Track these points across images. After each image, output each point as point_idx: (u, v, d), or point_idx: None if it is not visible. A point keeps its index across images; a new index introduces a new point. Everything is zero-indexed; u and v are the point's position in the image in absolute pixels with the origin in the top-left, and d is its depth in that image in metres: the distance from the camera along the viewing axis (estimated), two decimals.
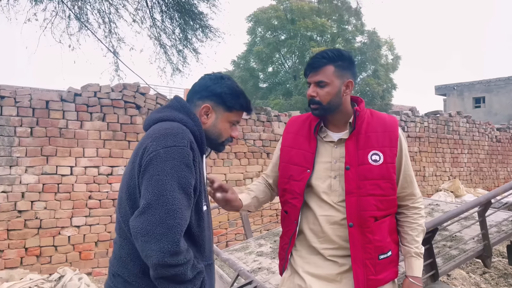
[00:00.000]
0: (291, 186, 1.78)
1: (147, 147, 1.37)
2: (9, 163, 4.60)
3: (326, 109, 1.73)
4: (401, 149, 1.74)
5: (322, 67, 1.71)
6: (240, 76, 18.29)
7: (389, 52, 20.59)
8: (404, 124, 8.47)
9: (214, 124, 1.57)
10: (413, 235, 1.77)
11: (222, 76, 1.61)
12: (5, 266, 4.54)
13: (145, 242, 1.28)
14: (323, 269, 1.73)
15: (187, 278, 1.35)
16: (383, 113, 1.85)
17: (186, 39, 10.70)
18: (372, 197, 1.68)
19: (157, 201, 1.29)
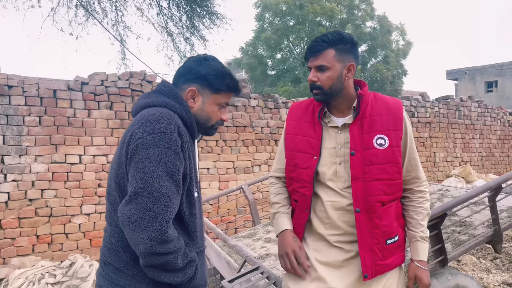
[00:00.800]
0: (299, 174, 1.76)
1: (133, 133, 1.35)
2: (19, 152, 4.65)
3: (328, 94, 1.70)
4: (406, 131, 1.71)
5: (323, 51, 1.67)
6: (248, 63, 18.17)
7: (400, 37, 20.27)
8: (414, 110, 8.36)
9: (202, 107, 1.53)
10: (418, 219, 1.75)
11: (206, 57, 1.56)
12: (17, 253, 4.61)
13: (133, 230, 1.27)
14: (329, 256, 1.72)
15: (178, 267, 1.34)
16: (386, 96, 1.81)
17: (193, 27, 10.65)
18: (379, 182, 1.66)
19: (144, 189, 1.27)
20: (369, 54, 19.42)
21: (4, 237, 4.56)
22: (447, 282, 2.57)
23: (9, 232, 4.59)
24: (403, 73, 19.80)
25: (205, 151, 5.88)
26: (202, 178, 5.85)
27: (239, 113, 6.17)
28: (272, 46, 18.06)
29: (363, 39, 18.80)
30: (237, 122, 6.07)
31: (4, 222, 4.56)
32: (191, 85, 1.51)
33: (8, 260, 4.52)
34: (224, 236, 3.13)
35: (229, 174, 6.06)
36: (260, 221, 4.33)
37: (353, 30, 18.64)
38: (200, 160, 5.82)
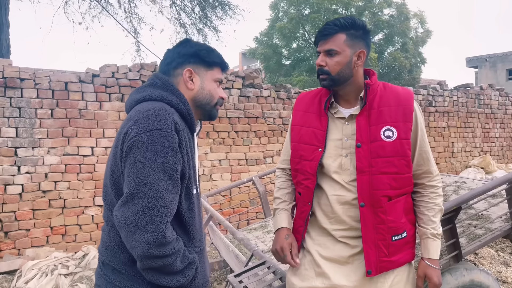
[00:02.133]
0: (303, 166, 1.70)
1: (128, 131, 1.28)
2: (32, 144, 4.69)
3: (335, 80, 1.63)
4: (417, 123, 1.63)
5: (333, 35, 1.60)
6: (263, 53, 18.01)
7: (419, 25, 19.79)
8: (432, 99, 8.15)
9: (202, 86, 1.48)
10: (429, 215, 1.67)
11: (186, 39, 1.52)
12: (32, 244, 4.68)
13: (129, 233, 1.22)
14: (334, 251, 1.67)
15: (177, 269, 1.29)
16: (397, 86, 1.73)
17: (206, 17, 10.60)
18: (385, 175, 1.59)
19: (140, 190, 1.22)
20: (387, 42, 19.03)
21: (19, 228, 4.63)
22: (462, 278, 2.50)
23: (24, 223, 4.65)
24: (422, 62, 19.36)
25: (216, 143, 5.85)
26: (214, 170, 5.83)
27: (251, 104, 6.10)
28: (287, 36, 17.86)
29: (380, 27, 18.42)
30: (249, 113, 6.01)
31: (18, 213, 4.62)
32: (185, 66, 1.45)
33: (23, 251, 4.59)
34: (233, 229, 3.09)
35: (241, 166, 6.02)
36: (271, 213, 4.29)
37: (370, 18, 18.28)
38: (211, 152, 5.80)
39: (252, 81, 6.10)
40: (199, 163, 5.69)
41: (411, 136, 1.61)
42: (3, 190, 4.55)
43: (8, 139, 4.57)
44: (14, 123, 4.59)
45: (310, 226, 1.75)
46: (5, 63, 4.57)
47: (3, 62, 4.56)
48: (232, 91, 5.95)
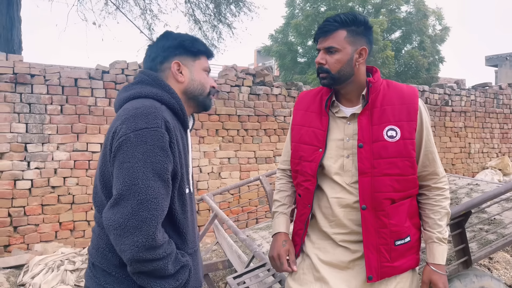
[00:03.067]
0: (303, 167, 1.64)
1: (116, 130, 1.23)
2: (41, 140, 4.72)
3: (335, 78, 1.56)
4: (422, 123, 1.56)
5: (333, 31, 1.54)
6: (278, 51, 17.85)
7: (437, 22, 19.38)
8: (448, 98, 7.96)
9: (191, 78, 1.43)
10: (435, 218, 1.59)
11: (167, 31, 1.47)
12: (41, 239, 4.72)
13: (118, 236, 1.17)
14: (334, 256, 1.61)
15: (169, 273, 1.25)
16: (401, 84, 1.66)
17: (220, 14, 10.57)
18: (388, 177, 1.52)
19: (129, 191, 1.17)
20: (404, 40, 18.68)
21: (28, 223, 4.67)
22: (471, 285, 2.41)
23: (33, 218, 4.69)
24: (440, 60, 18.95)
25: (226, 141, 5.81)
26: (223, 168, 5.79)
27: (261, 101, 6.04)
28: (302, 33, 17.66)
29: (397, 24, 18.10)
30: (259, 111, 5.95)
31: (28, 208, 4.66)
32: (171, 60, 1.40)
33: (32, 246, 4.63)
34: (236, 229, 3.04)
35: (250, 164, 5.97)
36: None
37: (387, 16, 17.98)
38: (220, 150, 5.76)
39: (262, 78, 6.03)
40: (208, 161, 5.66)
41: (415, 136, 1.54)
42: (12, 185, 4.59)
43: (18, 135, 4.61)
44: (24, 118, 4.63)
45: (310, 229, 1.69)
46: (16, 59, 4.60)
47: (13, 58, 4.59)
48: (242, 89, 5.90)
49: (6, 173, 4.56)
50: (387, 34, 18.52)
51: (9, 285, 3.77)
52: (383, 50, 15.88)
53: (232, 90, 5.83)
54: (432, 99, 7.76)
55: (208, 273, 3.83)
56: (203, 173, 5.67)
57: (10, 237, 4.58)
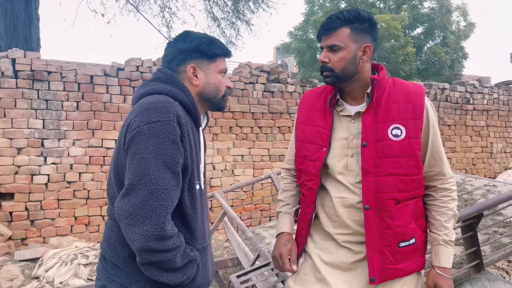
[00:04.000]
0: (307, 166, 1.62)
1: (130, 123, 1.27)
2: (58, 136, 4.81)
3: (339, 77, 1.53)
4: (428, 121, 1.51)
5: (336, 29, 1.51)
6: (297, 48, 17.75)
7: (462, 18, 18.90)
8: (469, 96, 7.75)
9: (206, 81, 1.45)
10: (441, 220, 1.55)
11: (186, 32, 1.47)
12: (56, 233, 4.82)
13: (128, 225, 1.20)
14: (337, 257, 1.58)
15: (177, 266, 1.26)
16: (408, 81, 1.61)
17: (238, 11, 10.56)
18: (392, 177, 1.48)
19: (140, 182, 1.20)
20: (426, 37, 18.30)
21: (44, 217, 4.78)
22: None
23: (49, 212, 4.79)
24: (464, 57, 18.50)
25: (239, 138, 5.80)
26: (236, 165, 5.79)
27: (275, 99, 6.00)
28: None
29: (420, 20, 17.74)
30: (273, 108, 5.92)
31: (44, 203, 4.77)
32: (187, 63, 1.43)
33: (48, 240, 4.73)
34: (243, 227, 3.03)
35: (264, 162, 5.95)
36: None
37: (409, 11, 17.63)
38: (234, 147, 5.75)
39: (277, 75, 5.99)
40: (221, 158, 5.67)
41: (421, 135, 1.50)
42: (30, 180, 4.70)
43: (36, 131, 4.71)
44: (41, 115, 4.73)
45: (313, 229, 1.67)
46: (33, 56, 4.70)
47: (31, 55, 4.69)
48: (256, 86, 5.88)
49: (23, 168, 4.67)
50: (408, 30, 18.17)
51: (24, 277, 3.86)
52: (404, 46, 15.59)
53: (246, 88, 5.81)
54: (452, 97, 7.57)
55: (218, 270, 3.83)
56: (216, 170, 5.68)
57: (27, 230, 4.69)
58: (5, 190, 4.61)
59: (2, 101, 4.56)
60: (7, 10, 5.81)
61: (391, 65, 15.89)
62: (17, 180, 4.65)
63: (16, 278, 3.77)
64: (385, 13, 17.16)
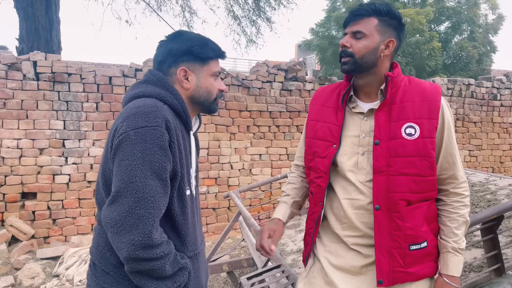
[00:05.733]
0: (316, 163, 1.59)
1: (117, 128, 1.24)
2: (78, 136, 4.90)
3: (358, 64, 1.48)
4: (443, 122, 1.46)
5: (364, 17, 1.48)
6: (319, 45, 17.58)
7: (490, 11, 18.30)
8: (496, 92, 7.48)
9: (198, 84, 1.41)
10: (451, 226, 1.49)
11: (179, 32, 1.43)
12: (78, 232, 4.92)
13: (115, 234, 1.18)
14: (346, 260, 1.53)
15: (166, 274, 1.24)
16: (424, 80, 1.56)
17: (259, 9, 10.53)
18: (405, 177, 1.43)
19: (126, 189, 1.17)
20: (453, 31, 17.81)
21: (66, 216, 4.88)
22: None
23: (70, 211, 4.90)
24: (492, 51, 17.91)
25: (257, 137, 5.78)
26: (254, 164, 5.77)
27: (293, 97, 5.95)
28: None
29: (446, 14, 17.27)
30: (291, 107, 5.86)
31: (65, 202, 4.87)
32: (179, 65, 1.38)
33: (69, 238, 4.84)
34: (257, 228, 3.01)
35: (282, 161, 5.90)
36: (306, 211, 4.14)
37: (434, 5, 17.20)
38: (252, 146, 5.73)
39: (295, 74, 5.93)
40: (239, 157, 5.66)
41: (436, 135, 1.44)
42: (51, 179, 4.81)
43: (57, 131, 4.81)
44: (62, 116, 4.83)
45: (322, 231, 1.63)
46: (54, 58, 4.80)
47: (52, 58, 4.79)
48: (273, 85, 5.83)
49: (45, 168, 4.78)
50: (434, 24, 17.73)
51: (45, 275, 3.95)
52: (429, 41, 15.21)
53: (264, 86, 5.77)
54: (478, 93, 7.33)
55: (234, 270, 3.83)
56: (234, 170, 5.68)
57: (49, 229, 4.81)
58: (28, 189, 4.73)
59: (24, 102, 4.68)
60: (28, 14, 5.97)
61: (416, 60, 15.53)
62: (40, 180, 4.77)
63: (37, 276, 3.86)
64: (409, 7, 16.78)
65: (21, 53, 6.17)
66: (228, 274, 3.86)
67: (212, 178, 5.57)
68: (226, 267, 3.70)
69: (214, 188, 5.58)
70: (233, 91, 5.62)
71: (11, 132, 4.65)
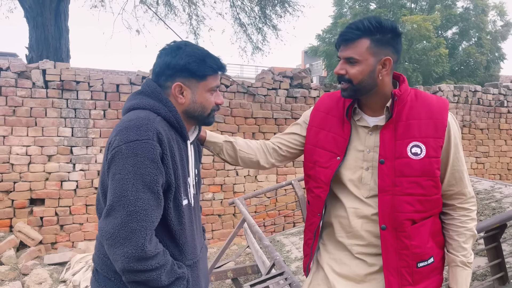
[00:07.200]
0: (317, 172, 1.56)
1: (111, 141, 1.27)
2: (85, 143, 4.96)
3: (356, 90, 1.46)
4: (449, 140, 1.44)
5: (355, 40, 1.41)
6: (325, 51, 17.62)
7: (498, 18, 18.24)
8: (503, 99, 7.44)
9: (193, 100, 1.41)
10: (459, 241, 1.48)
11: (179, 45, 1.41)
12: (85, 238, 4.97)
13: (110, 246, 1.22)
14: (350, 268, 1.53)
15: (162, 284, 1.26)
16: (431, 94, 1.52)
17: (265, 16, 10.59)
18: (410, 197, 1.42)
19: (119, 203, 1.20)
20: (461, 37, 17.76)
21: (73, 222, 4.93)
22: None
23: (78, 217, 4.95)
24: (501, 58, 17.82)
25: None
26: (259, 171, 5.79)
27: (298, 104, 5.97)
28: None
29: (453, 20, 17.24)
30: (296, 114, 5.88)
31: (73, 208, 4.93)
32: (175, 80, 1.39)
33: (76, 244, 4.88)
34: (261, 235, 3.02)
35: (287, 167, 5.92)
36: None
37: (442, 12, 17.18)
38: None
39: (300, 81, 5.96)
40: None
41: (441, 154, 1.43)
42: (59, 186, 4.87)
43: (65, 138, 4.88)
44: (70, 123, 4.89)
45: (327, 239, 1.63)
46: (62, 66, 4.88)
47: (61, 66, 4.87)
48: (279, 92, 5.86)
49: (53, 174, 4.84)
50: (441, 31, 17.69)
51: (52, 281, 3.99)
52: (437, 47, 15.18)
53: (269, 94, 5.81)
54: (485, 100, 7.30)
55: (238, 277, 3.84)
56: (239, 176, 5.70)
57: (56, 235, 4.86)
58: (36, 196, 4.79)
59: (33, 110, 4.76)
60: (38, 23, 6.09)
61: (423, 67, 15.49)
62: (48, 186, 4.83)
63: (44, 282, 3.90)
64: (416, 13, 16.77)
65: (30, 61, 6.29)
66: (233, 281, 3.87)
67: (217, 184, 5.60)
68: (230, 273, 3.72)
69: (220, 194, 5.61)
70: (239, 98, 5.66)
71: (20, 139, 4.72)
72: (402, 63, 15.50)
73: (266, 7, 10.58)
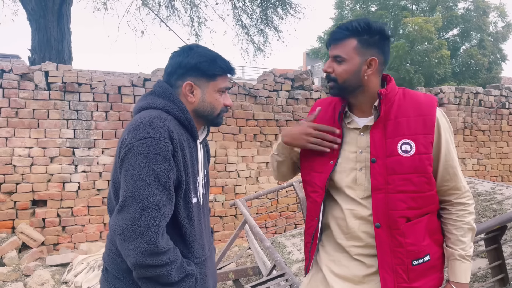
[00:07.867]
0: (312, 177, 1.59)
1: (124, 139, 1.30)
2: (88, 145, 4.99)
3: (341, 88, 1.49)
4: (440, 135, 1.46)
5: (343, 40, 1.47)
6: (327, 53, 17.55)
7: (499, 19, 18.24)
8: (505, 100, 7.44)
9: (203, 99, 1.45)
10: (457, 234, 1.49)
11: (190, 46, 1.47)
12: (87, 239, 4.98)
13: (122, 241, 1.24)
14: (349, 270, 1.54)
15: (172, 280, 1.28)
16: (419, 92, 1.56)
17: (267, 18, 10.62)
18: (403, 194, 1.43)
19: (132, 198, 1.23)
20: (462, 39, 17.77)
21: (75, 223, 4.95)
22: None
23: (79, 219, 4.97)
24: (502, 59, 17.82)
25: (264, 146, 5.82)
26: (260, 172, 5.80)
27: (299, 106, 5.98)
28: None
29: (454, 22, 17.25)
30: (298, 116, 5.90)
31: (75, 209, 4.94)
32: (185, 79, 1.43)
33: (78, 245, 4.90)
34: (262, 236, 3.04)
35: None
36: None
37: (443, 13, 17.19)
38: (258, 154, 5.77)
39: (301, 83, 5.98)
40: (246, 165, 5.69)
41: (432, 150, 1.45)
42: (61, 187, 4.89)
43: (67, 140, 4.90)
44: (72, 125, 4.92)
45: (326, 240, 1.64)
46: (65, 68, 4.90)
47: (63, 68, 4.89)
48: (280, 93, 5.88)
49: (55, 176, 4.87)
50: (442, 32, 17.69)
51: (54, 282, 4.01)
52: (438, 49, 15.18)
53: (270, 95, 5.82)
54: (487, 101, 7.30)
55: (240, 279, 3.85)
56: (240, 178, 5.71)
57: (59, 236, 4.88)
58: (38, 197, 4.82)
59: (36, 112, 4.78)
60: (40, 26, 6.13)
61: (425, 68, 15.50)
62: (50, 188, 4.85)
63: (46, 283, 3.92)
64: (417, 15, 16.78)
65: (33, 63, 6.32)
66: (234, 282, 3.88)
67: (219, 186, 5.61)
68: (232, 275, 3.73)
69: (221, 196, 5.62)
70: (240, 100, 5.67)
71: (22, 141, 4.75)
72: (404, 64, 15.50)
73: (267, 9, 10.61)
